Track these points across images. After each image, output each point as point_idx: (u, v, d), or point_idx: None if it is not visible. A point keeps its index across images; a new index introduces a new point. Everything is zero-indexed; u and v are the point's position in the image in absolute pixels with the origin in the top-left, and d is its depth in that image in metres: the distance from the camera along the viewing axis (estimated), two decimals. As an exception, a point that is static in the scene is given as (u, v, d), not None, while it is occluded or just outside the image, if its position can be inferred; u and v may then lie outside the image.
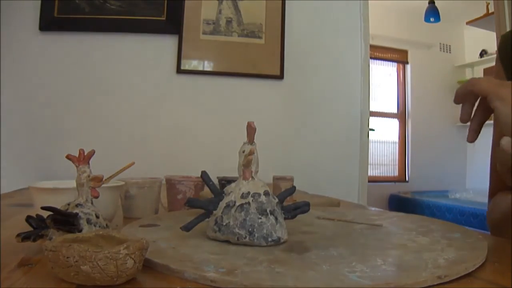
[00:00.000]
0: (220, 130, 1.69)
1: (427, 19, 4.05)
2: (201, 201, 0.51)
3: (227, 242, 0.48)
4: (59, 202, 0.54)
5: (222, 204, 0.50)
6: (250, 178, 0.51)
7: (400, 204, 4.16)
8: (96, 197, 0.49)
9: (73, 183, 0.64)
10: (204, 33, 1.69)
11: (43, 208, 0.43)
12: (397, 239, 0.53)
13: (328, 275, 0.37)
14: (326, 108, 1.80)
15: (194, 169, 0.83)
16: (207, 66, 1.72)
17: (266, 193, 0.50)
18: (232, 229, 0.47)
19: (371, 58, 2.04)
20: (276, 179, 0.97)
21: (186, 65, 1.68)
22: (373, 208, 0.94)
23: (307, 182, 1.19)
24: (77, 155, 0.50)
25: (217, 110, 1.71)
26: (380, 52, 4.42)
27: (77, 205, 0.47)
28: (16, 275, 0.37)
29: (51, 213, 0.43)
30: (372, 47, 2.93)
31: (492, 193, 0.70)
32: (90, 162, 0.51)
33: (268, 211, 0.48)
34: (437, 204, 3.91)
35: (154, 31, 1.65)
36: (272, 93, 1.76)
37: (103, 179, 0.51)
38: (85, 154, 0.50)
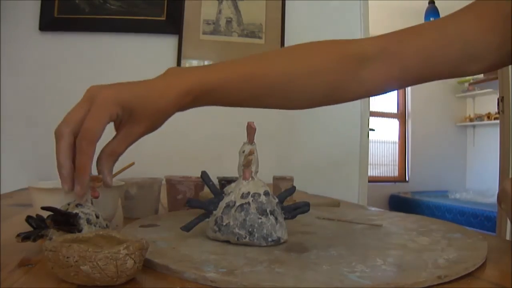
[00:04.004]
0: (220, 130, 1.69)
1: (427, 19, 4.05)
2: (201, 201, 0.51)
3: (227, 242, 0.48)
4: (59, 202, 0.54)
5: (222, 204, 0.50)
6: (250, 178, 0.51)
7: (400, 204, 4.17)
8: (96, 197, 0.49)
9: (73, 183, 0.64)
10: (204, 33, 1.69)
11: (43, 208, 0.43)
12: (397, 239, 0.53)
13: (328, 275, 0.37)
14: (326, 108, 1.79)
15: (194, 169, 0.83)
16: (207, 66, 1.72)
17: (266, 193, 0.50)
18: (232, 229, 0.47)
19: (371, 58, 2.03)
20: (276, 179, 0.98)
21: (186, 65, 1.68)
22: (373, 208, 0.94)
23: (307, 182, 1.20)
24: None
25: (217, 110, 1.71)
26: (380, 52, 4.42)
27: (77, 205, 0.47)
28: (16, 275, 0.37)
29: (51, 213, 0.43)
30: (372, 47, 2.92)
31: None
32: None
33: (268, 211, 0.48)
34: (437, 204, 3.91)
35: (154, 31, 1.65)
36: (272, 93, 1.76)
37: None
38: None
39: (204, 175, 0.53)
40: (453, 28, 0.54)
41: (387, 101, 4.51)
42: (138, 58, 1.66)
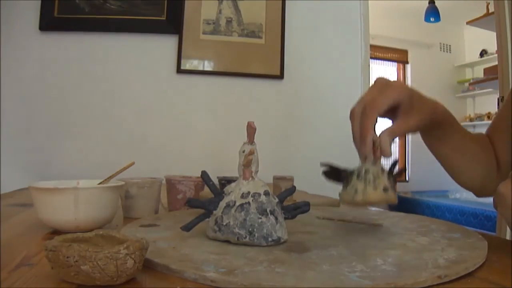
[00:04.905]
0: (220, 130, 1.69)
1: (427, 19, 4.05)
2: (201, 201, 0.51)
3: (227, 242, 0.48)
4: (59, 202, 0.54)
5: (222, 204, 0.50)
6: (250, 178, 0.51)
7: (400, 204, 4.16)
8: (378, 158, 0.55)
9: (73, 183, 0.64)
10: (204, 33, 1.69)
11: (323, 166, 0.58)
12: (397, 239, 0.53)
13: (328, 275, 0.37)
14: (326, 108, 1.79)
15: (194, 169, 0.83)
16: (207, 66, 1.72)
17: (266, 193, 0.50)
18: (232, 229, 0.47)
19: (371, 58, 2.03)
20: (276, 179, 0.97)
21: (186, 65, 1.68)
22: (373, 208, 0.94)
23: (307, 182, 1.19)
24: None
25: (217, 110, 1.71)
26: (380, 52, 4.43)
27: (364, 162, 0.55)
28: (16, 275, 0.37)
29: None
30: (372, 47, 2.92)
31: None
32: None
33: (268, 211, 0.48)
34: (437, 204, 3.91)
35: (154, 31, 1.65)
36: (272, 93, 1.76)
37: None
38: None
39: (204, 175, 0.53)
40: None
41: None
42: (138, 58, 1.66)
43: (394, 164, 0.60)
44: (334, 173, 0.58)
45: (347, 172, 0.57)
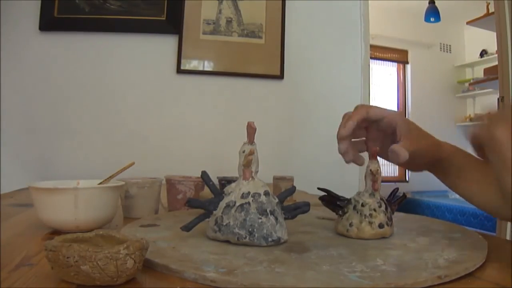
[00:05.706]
0: (220, 130, 1.69)
1: (427, 19, 4.05)
2: (201, 201, 0.51)
3: (227, 242, 0.48)
4: (59, 202, 0.54)
5: (222, 204, 0.50)
6: (250, 178, 0.51)
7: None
8: (376, 190, 0.55)
9: (73, 183, 0.64)
10: (204, 33, 1.69)
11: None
12: (397, 239, 0.53)
13: (328, 275, 0.37)
14: (326, 108, 1.79)
15: (194, 169, 0.83)
16: (207, 66, 1.72)
17: (266, 193, 0.50)
18: (232, 229, 0.47)
19: (371, 58, 2.03)
20: (276, 179, 0.98)
21: (186, 65, 1.68)
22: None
23: (307, 182, 1.19)
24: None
25: (217, 110, 1.71)
26: (380, 52, 4.43)
27: (359, 194, 0.57)
28: (16, 275, 0.37)
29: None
30: (372, 47, 2.92)
31: None
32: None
33: (268, 211, 0.48)
34: (437, 204, 3.91)
35: (154, 31, 1.65)
36: (272, 93, 1.76)
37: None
38: None
39: (204, 175, 0.53)
40: None
41: (387, 101, 4.51)
42: (138, 58, 1.66)
43: (393, 192, 0.59)
44: (330, 200, 0.59)
45: (344, 202, 0.57)
